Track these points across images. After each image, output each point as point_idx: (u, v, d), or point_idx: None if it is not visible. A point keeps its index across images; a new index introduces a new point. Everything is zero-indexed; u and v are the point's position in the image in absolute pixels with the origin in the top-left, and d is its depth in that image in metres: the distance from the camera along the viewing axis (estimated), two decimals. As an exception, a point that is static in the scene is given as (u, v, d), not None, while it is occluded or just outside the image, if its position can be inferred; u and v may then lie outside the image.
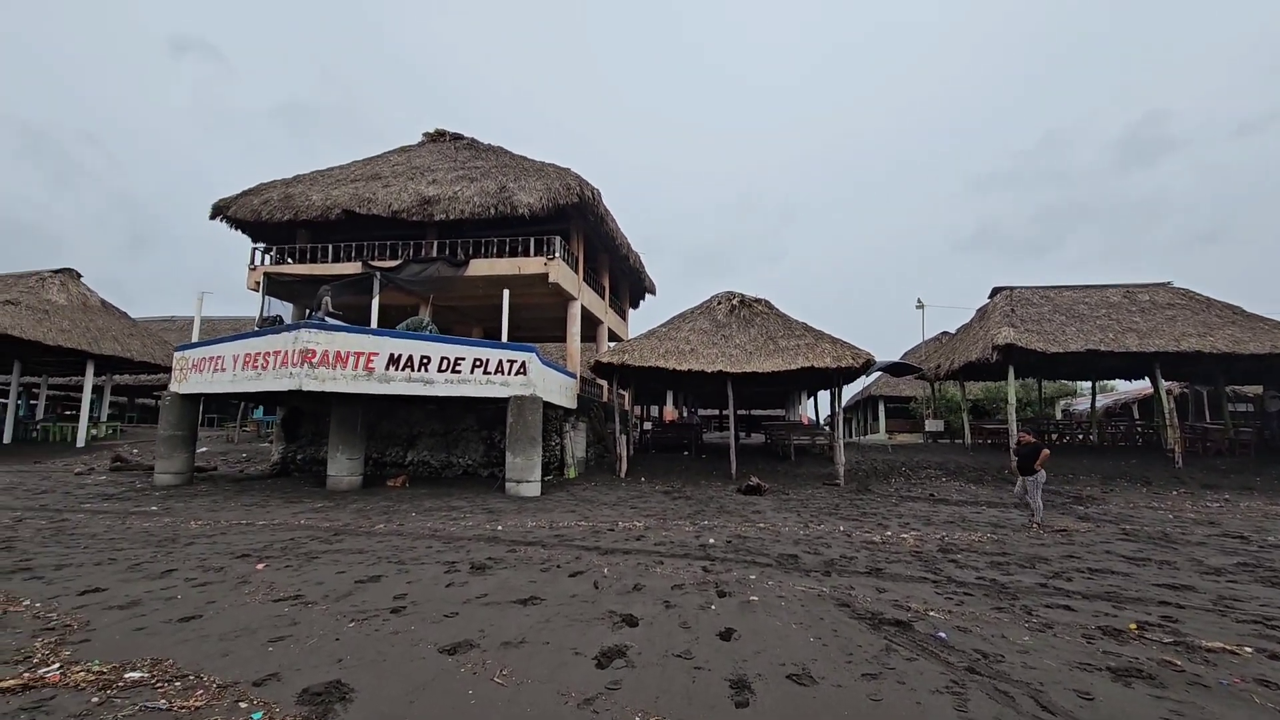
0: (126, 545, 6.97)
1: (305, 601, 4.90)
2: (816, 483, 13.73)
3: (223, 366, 12.10)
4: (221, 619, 4.47)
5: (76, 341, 18.69)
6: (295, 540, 7.32)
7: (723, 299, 16.10)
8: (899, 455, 17.14)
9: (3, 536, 7.40)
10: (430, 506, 10.08)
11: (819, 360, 13.56)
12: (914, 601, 5.10)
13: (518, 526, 8.44)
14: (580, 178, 14.38)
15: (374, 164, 16.74)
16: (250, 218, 15.44)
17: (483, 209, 14.31)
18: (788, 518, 9.48)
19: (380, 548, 6.97)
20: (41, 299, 19.00)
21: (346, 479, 12.17)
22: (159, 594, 5.07)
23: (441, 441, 14.56)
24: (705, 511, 10.00)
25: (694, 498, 11.59)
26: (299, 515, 9.18)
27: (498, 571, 5.93)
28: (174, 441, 12.78)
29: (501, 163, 16.00)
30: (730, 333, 14.95)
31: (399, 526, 8.35)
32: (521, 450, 11.80)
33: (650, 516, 9.44)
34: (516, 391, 12.02)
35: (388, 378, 11.40)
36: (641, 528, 8.46)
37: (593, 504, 10.70)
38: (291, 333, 11.17)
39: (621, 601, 5.00)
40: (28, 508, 9.69)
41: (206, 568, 5.94)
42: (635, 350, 14.41)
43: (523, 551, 6.84)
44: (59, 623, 4.34)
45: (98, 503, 10.31)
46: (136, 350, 20.69)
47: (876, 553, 7.03)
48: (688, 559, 6.60)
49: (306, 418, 15.40)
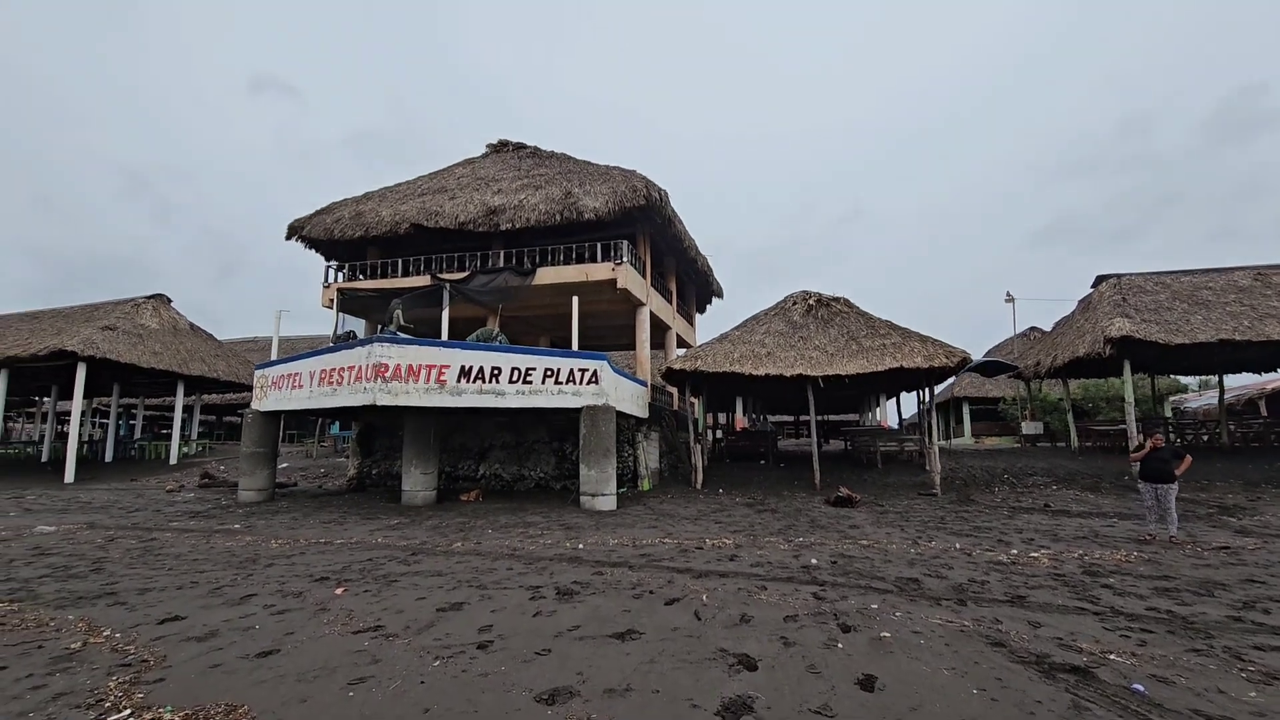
0: (209, 566, 6.84)
1: (386, 633, 4.51)
2: (910, 492, 12.71)
3: (300, 383, 12.19)
4: (300, 654, 4.12)
5: (168, 363, 19.55)
6: (374, 561, 7.04)
7: (798, 299, 15.28)
8: (996, 461, 15.81)
9: (94, 557, 7.43)
10: (506, 523, 9.72)
11: (909, 360, 12.58)
12: (1081, 639, 4.28)
13: (599, 545, 7.94)
14: (647, 179, 13.93)
15: (440, 177, 16.80)
16: (323, 236, 15.71)
17: (548, 216, 14.04)
18: (891, 533, 8.63)
19: (459, 569, 6.59)
20: (136, 324, 20.00)
21: (421, 494, 12.02)
22: (237, 623, 4.79)
23: (513, 454, 14.30)
24: (796, 526, 9.26)
25: (780, 510, 10.84)
26: (376, 533, 8.98)
27: (586, 598, 5.42)
28: (256, 459, 12.98)
29: (565, 169, 15.74)
30: (808, 334, 14.12)
31: (476, 545, 7.99)
32: (595, 462, 11.35)
33: (738, 532, 8.78)
34: (589, 401, 11.60)
35: (459, 390, 11.18)
36: (732, 545, 7.81)
37: (673, 518, 10.11)
38: (365, 347, 11.11)
39: (731, 637, 4.39)
40: (120, 526, 9.89)
41: (285, 592, 5.68)
42: (709, 355, 13.78)
43: (609, 574, 6.32)
44: (135, 657, 4.08)
45: (185, 520, 10.45)
46: (222, 370, 21.53)
47: (1010, 576, 6.15)
48: (792, 583, 5.92)
49: (380, 433, 15.47)
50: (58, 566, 6.92)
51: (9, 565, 7.00)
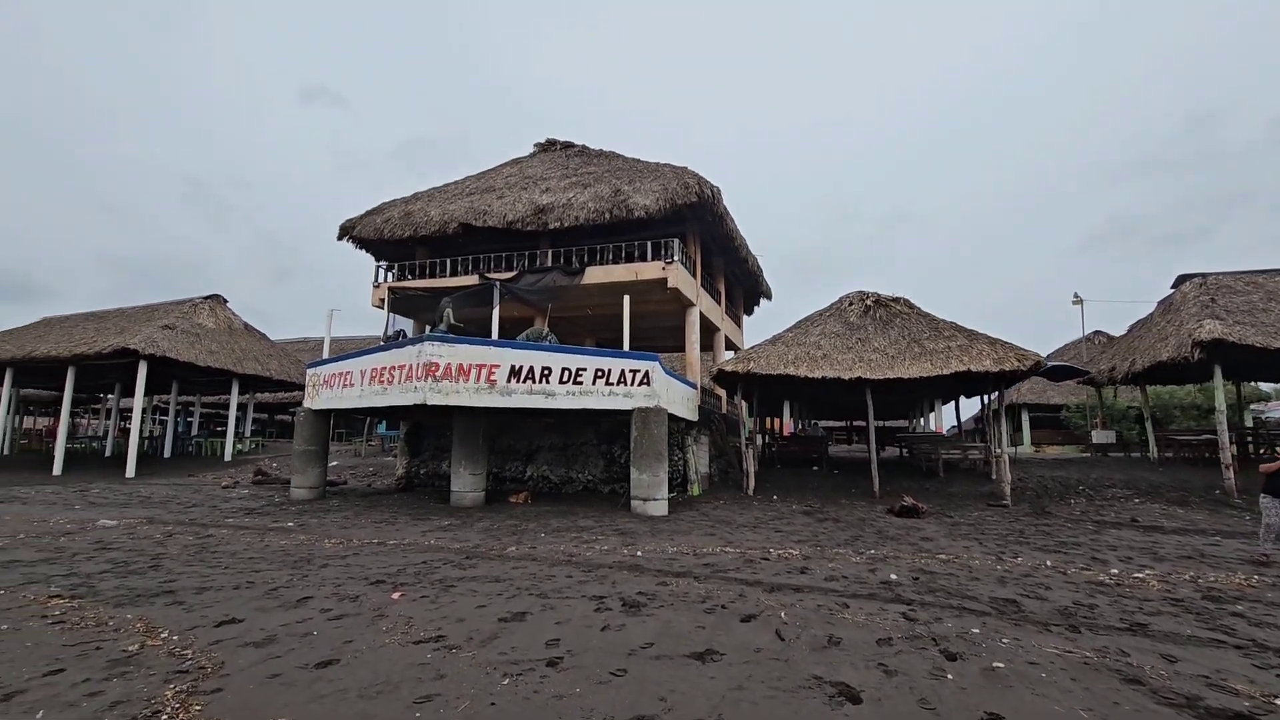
0: (264, 566, 6.72)
1: (449, 645, 4.24)
2: (978, 503, 12.01)
3: (351, 382, 12.18)
4: (360, 666, 3.87)
5: (223, 362, 19.98)
6: (428, 564, 6.82)
7: (854, 299, 14.68)
8: (1067, 471, 14.90)
9: (153, 553, 7.41)
10: (558, 526, 9.45)
11: (976, 363, 11.89)
12: (1231, 678, 3.74)
13: (657, 552, 7.58)
14: (699, 176, 13.56)
15: (488, 177, 16.74)
16: (373, 236, 15.79)
17: (597, 214, 13.79)
18: (969, 547, 8.04)
19: (517, 575, 6.32)
20: (194, 323, 20.51)
21: (470, 495, 11.86)
22: (294, 628, 4.59)
23: (560, 456, 14.07)
24: (864, 537, 8.74)
25: (842, 519, 10.31)
26: (428, 534, 8.80)
27: (654, 611, 5.06)
28: (308, 456, 13.04)
29: (614, 167, 15.48)
30: (866, 335, 13.52)
31: (531, 550, 7.72)
32: (647, 466, 11.01)
33: (802, 542, 8.31)
34: (640, 403, 11.27)
35: (509, 390, 10.98)
36: (799, 556, 7.36)
37: (730, 525, 9.69)
38: (415, 346, 11.01)
39: (822, 662, 3.98)
40: (178, 522, 9.96)
41: (341, 596, 5.48)
42: (761, 357, 13.31)
43: (675, 585, 5.95)
44: (193, 663, 3.89)
45: (240, 517, 10.49)
46: (275, 369, 21.93)
47: (1119, 599, 5.56)
48: (875, 600, 5.46)
49: (428, 432, 15.43)
50: (118, 562, 6.90)
51: (72, 559, 7.02)
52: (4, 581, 5.94)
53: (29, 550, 7.57)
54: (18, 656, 4.00)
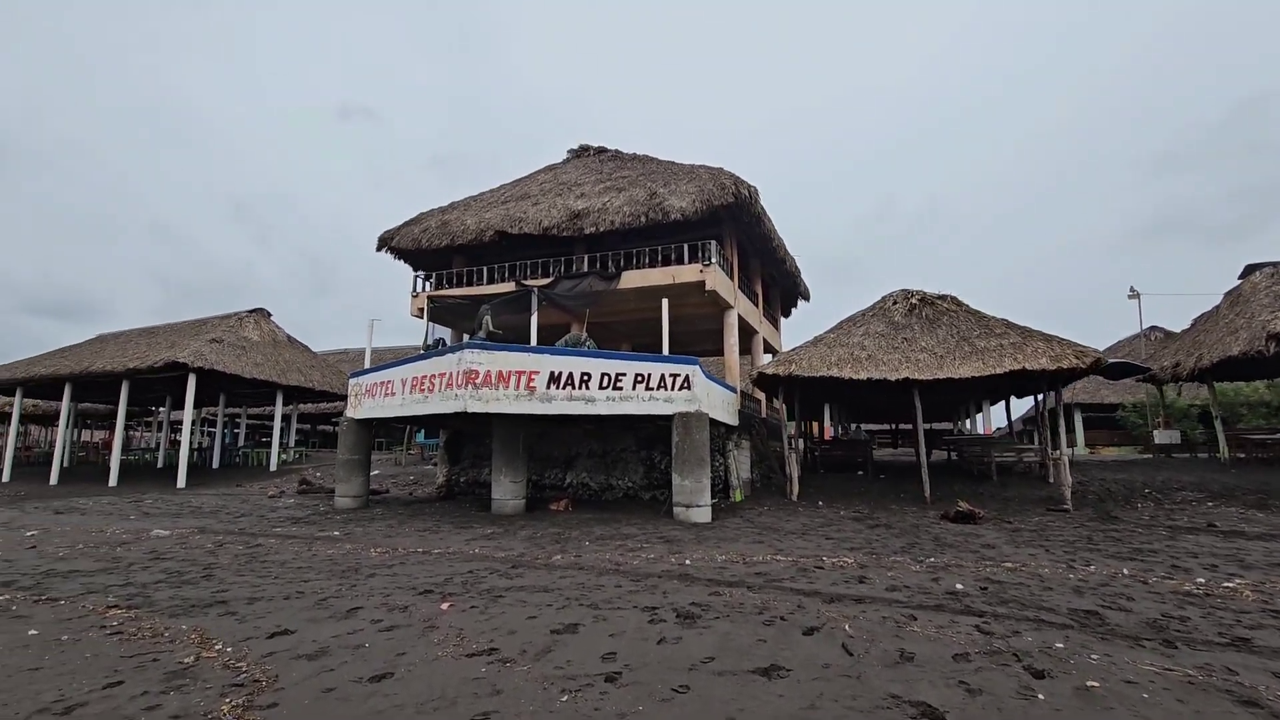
0: (313, 575, 6.71)
1: (502, 658, 4.11)
2: (1037, 507, 11.48)
3: (392, 391, 12.26)
4: (414, 680, 3.76)
5: (268, 374, 20.42)
6: (474, 574, 6.73)
7: (898, 298, 14.26)
8: (1129, 473, 14.20)
9: (205, 563, 7.48)
10: (601, 534, 9.31)
11: (1032, 361, 11.40)
12: (1364, 702, 3.37)
13: (706, 561, 7.37)
14: (735, 176, 13.36)
15: (522, 184, 16.80)
16: (411, 246, 15.95)
17: (633, 218, 13.68)
18: (1035, 554, 7.64)
19: (565, 585, 6.18)
20: (240, 336, 21.03)
21: (511, 502, 11.80)
22: (346, 640, 4.52)
23: (600, 463, 13.94)
24: (920, 544, 8.38)
25: (894, 526, 9.94)
26: (472, 543, 8.74)
27: (711, 623, 4.87)
28: (351, 466, 13.16)
29: (648, 170, 15.38)
30: (913, 335, 13.10)
31: (576, 558, 7.58)
32: (690, 472, 10.80)
33: (856, 550, 8.01)
34: (681, 408, 11.08)
35: (549, 397, 10.90)
36: (855, 565, 7.07)
37: (777, 532, 9.42)
38: (455, 354, 11.02)
39: (897, 679, 3.73)
40: (228, 531, 10.10)
41: (391, 606, 5.41)
42: (804, 359, 13.00)
43: (728, 595, 5.74)
44: (248, 676, 3.83)
45: (287, 526, 10.60)
46: (317, 380, 22.35)
47: (1212, 611, 5.16)
48: (944, 612, 5.16)
49: (468, 440, 15.48)
50: (172, 571, 6.97)
51: (128, 569, 7.12)
52: (65, 591, 6.04)
53: (88, 560, 7.72)
54: (78, 668, 4.00)
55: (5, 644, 4.49)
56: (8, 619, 5.16)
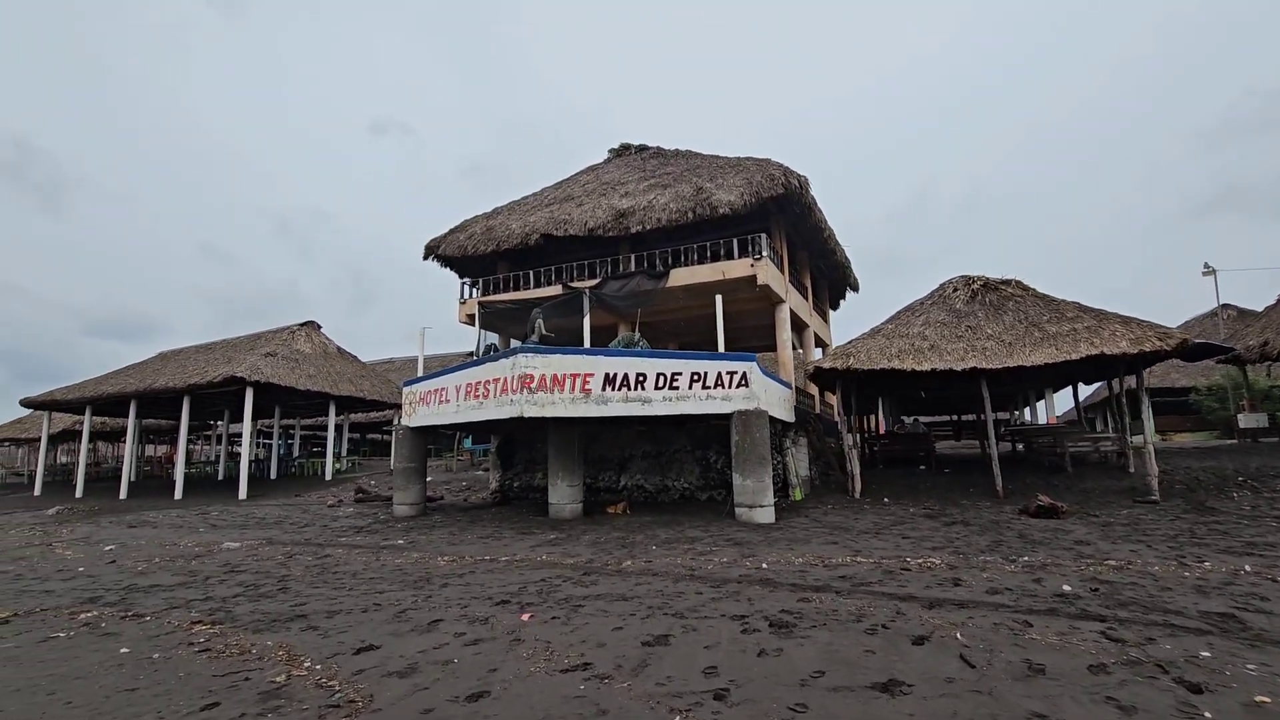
0: (386, 586, 6.65)
1: (598, 674, 3.92)
2: (1120, 499, 10.85)
3: (447, 398, 12.26)
4: (512, 699, 3.59)
5: (321, 385, 20.80)
6: (547, 582, 6.58)
7: (958, 284, 13.70)
8: (1219, 460, 13.36)
9: (279, 575, 7.51)
10: (666, 538, 9.09)
11: (1111, 346, 10.77)
12: None
13: (784, 564, 7.09)
14: (784, 166, 13.01)
15: (565, 186, 16.72)
16: (457, 253, 16.01)
17: (679, 214, 13.44)
18: (1137, 550, 7.15)
19: (642, 592, 5.98)
20: (292, 349, 21.48)
21: (568, 506, 11.67)
22: (433, 655, 4.39)
23: (654, 464, 13.73)
24: (1005, 542, 7.94)
25: (971, 523, 9.49)
26: (537, 549, 8.62)
27: (808, 633, 4.59)
28: (408, 473, 13.23)
29: (692, 165, 15.12)
30: (977, 322, 12.55)
31: (648, 564, 7.38)
32: (751, 471, 10.51)
33: (938, 549, 7.62)
34: (739, 406, 10.79)
35: (605, 399, 10.74)
36: (944, 566, 6.70)
37: (849, 532, 9.07)
38: (509, 359, 10.93)
39: (1033, 694, 3.41)
40: (295, 542, 10.20)
41: (471, 618, 5.28)
42: (862, 352, 12.57)
43: (818, 601, 5.45)
44: (342, 696, 3.72)
45: (351, 536, 10.66)
46: (367, 390, 22.69)
47: (1367, 612, 4.68)
48: (1059, 617, 4.79)
49: (520, 445, 15.44)
50: (248, 584, 7.00)
51: (205, 583, 7.18)
52: (149, 607, 6.09)
53: (166, 574, 7.83)
54: (173, 688, 3.95)
55: (100, 662, 4.49)
56: (98, 636, 5.19)
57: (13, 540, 11.64)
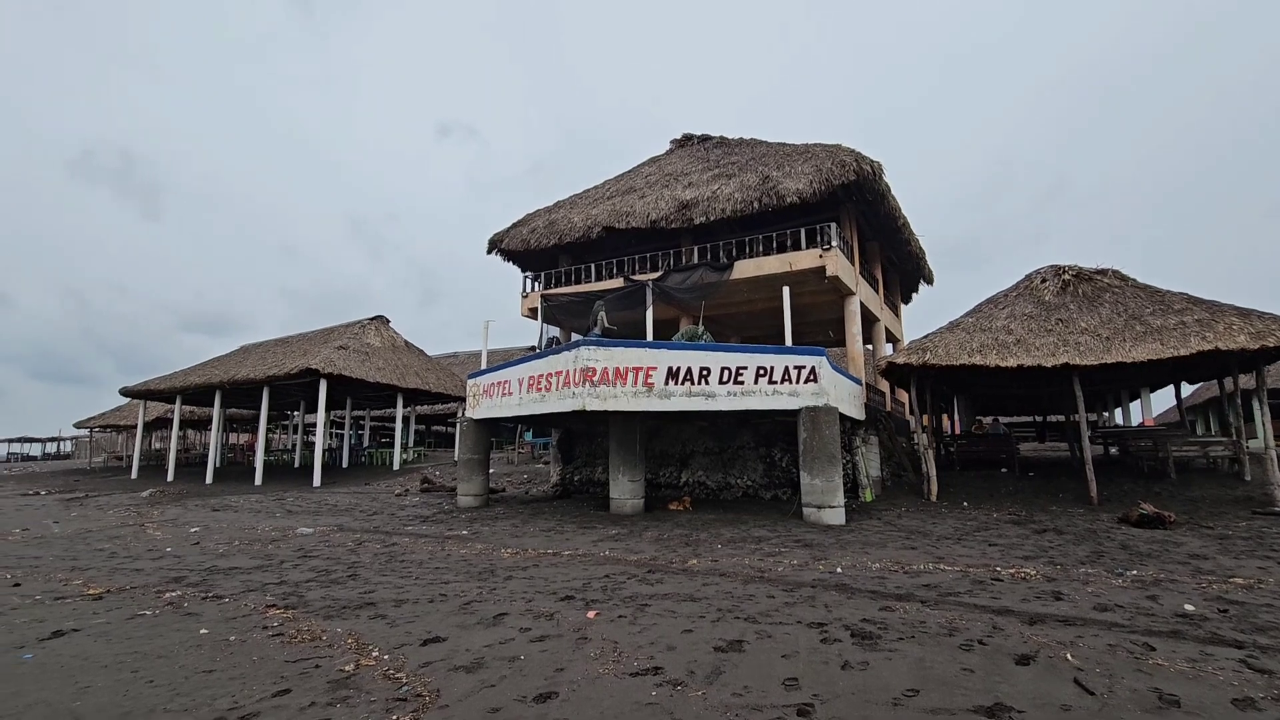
0: (451, 577, 6.64)
1: (670, 680, 3.70)
2: (1236, 510, 9.86)
3: (510, 391, 12.31)
4: (582, 703, 3.41)
5: (389, 378, 21.40)
6: (611, 579, 6.41)
7: (1047, 275, 12.78)
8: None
9: (349, 561, 7.64)
10: (731, 537, 8.79)
11: (1227, 340, 9.79)
12: None
13: (859, 569, 6.69)
14: (856, 152, 12.43)
15: (627, 178, 16.56)
16: (519, 247, 16.10)
17: (744, 205, 13.05)
18: (1267, 567, 6.40)
19: (711, 594, 5.72)
20: (363, 343, 22.19)
21: (630, 502, 11.52)
22: (499, 650, 4.27)
23: (716, 461, 13.42)
24: (1108, 553, 7.28)
25: (1064, 531, 8.78)
26: (599, 544, 8.49)
27: (895, 645, 4.24)
28: (472, 465, 13.38)
29: (758, 154, 14.68)
30: (1069, 315, 11.67)
31: (714, 563, 7.11)
32: (820, 470, 10.07)
33: (1030, 559, 7.05)
34: (807, 402, 10.36)
35: (667, 393, 10.50)
36: (1040, 578, 6.16)
37: (928, 537, 8.54)
38: (571, 352, 10.85)
39: (1173, 731, 2.98)
40: (364, 529, 10.43)
41: (536, 613, 5.16)
42: (940, 346, 11.88)
43: (902, 611, 5.07)
44: (410, 690, 3.63)
45: (417, 525, 10.83)
46: (433, 383, 23.22)
47: None
48: (1184, 640, 4.26)
49: (580, 439, 15.41)
50: (319, 570, 7.13)
51: (280, 567, 7.36)
52: (228, 589, 6.26)
53: (244, 557, 8.10)
54: (247, 672, 3.97)
55: (181, 642, 4.59)
56: (181, 616, 5.34)
57: (111, 520, 12.41)
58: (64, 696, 3.64)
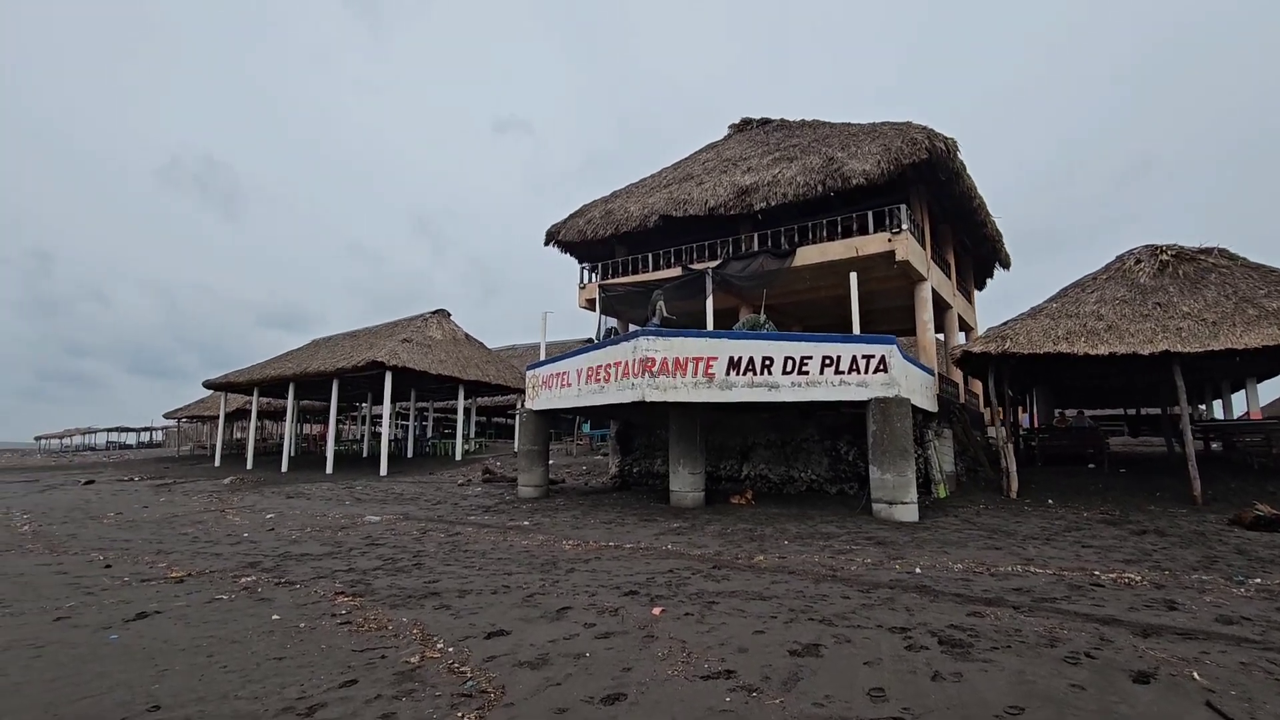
0: (514, 568, 6.58)
1: (744, 685, 3.47)
2: (1368, 513, 8.83)
3: (568, 382, 12.26)
4: (652, 707, 3.23)
5: (451, 370, 21.83)
6: (675, 574, 6.22)
7: (1143, 255, 11.79)
8: None
9: (414, 550, 7.72)
10: (798, 533, 8.46)
11: (1359, 323, 8.76)
12: None
13: (939, 569, 6.28)
14: (928, 129, 11.75)
15: (684, 166, 16.26)
16: (576, 238, 16.05)
17: (808, 188, 12.56)
18: None
19: (781, 592, 5.45)
20: (426, 336, 22.70)
21: (690, 495, 11.30)
22: (563, 646, 4.14)
23: (778, 453, 13.04)
24: (1222, 558, 6.61)
25: (1168, 532, 8.07)
26: (661, 537, 8.31)
27: (989, 655, 3.88)
28: (532, 456, 13.43)
29: (821, 135, 14.12)
30: (1168, 298, 10.73)
31: (781, 560, 6.83)
32: (890, 464, 9.59)
33: (1134, 563, 6.46)
34: (876, 392, 9.88)
35: (728, 384, 10.21)
36: (1146, 584, 5.62)
37: (1012, 536, 8.00)
38: (630, 342, 10.68)
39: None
40: (428, 518, 10.59)
41: (600, 608, 5.02)
42: (1021, 334, 11.14)
43: (992, 616, 4.68)
44: (474, 685, 3.53)
45: (480, 515, 10.92)
46: (493, 375, 23.58)
47: None
48: (1334, 661, 3.74)
49: (638, 431, 15.27)
50: (386, 559, 7.21)
51: (349, 554, 7.50)
52: (299, 575, 6.38)
53: (315, 544, 8.31)
54: (315, 661, 3.96)
55: (254, 628, 4.65)
56: (254, 601, 5.45)
57: (194, 505, 13.06)
58: (144, 679, 3.71)
